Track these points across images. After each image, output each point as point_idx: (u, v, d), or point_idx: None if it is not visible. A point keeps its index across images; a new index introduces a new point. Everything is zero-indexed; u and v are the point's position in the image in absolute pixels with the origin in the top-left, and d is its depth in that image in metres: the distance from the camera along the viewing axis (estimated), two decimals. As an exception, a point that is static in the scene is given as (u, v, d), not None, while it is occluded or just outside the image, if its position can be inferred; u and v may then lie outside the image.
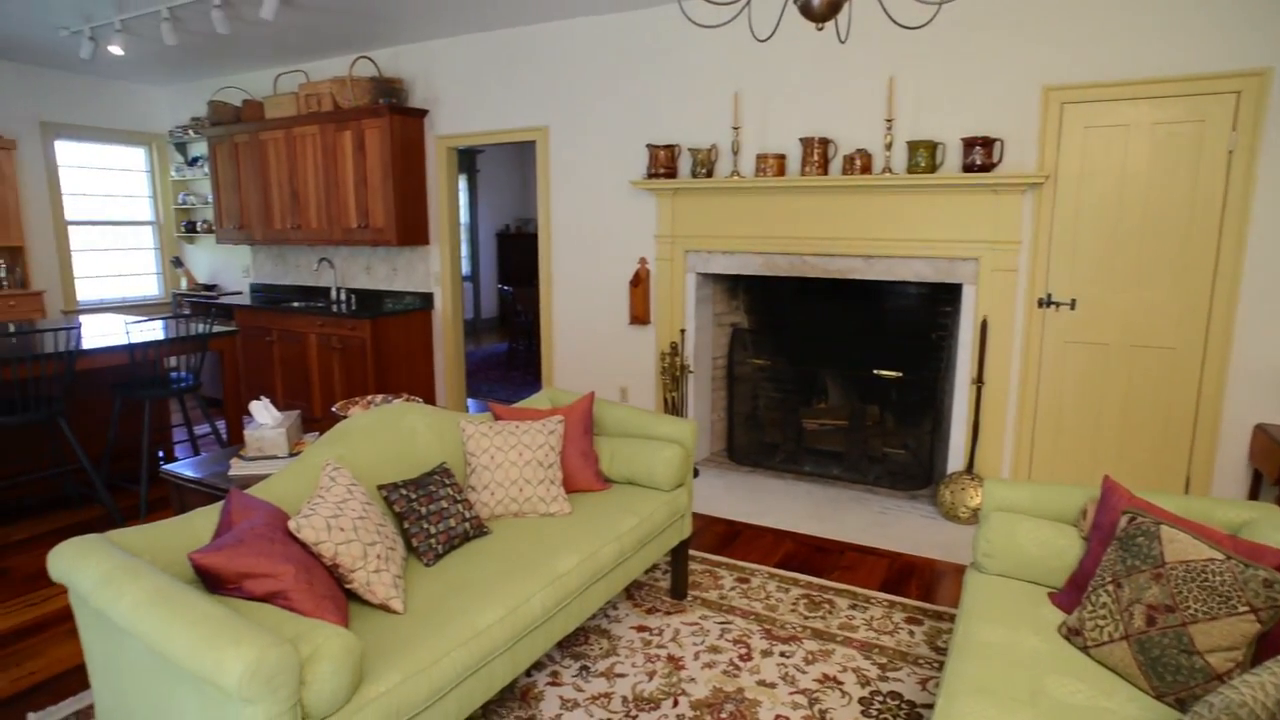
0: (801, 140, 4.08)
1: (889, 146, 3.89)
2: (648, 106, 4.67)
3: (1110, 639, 1.77)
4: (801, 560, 3.47)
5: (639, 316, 4.85)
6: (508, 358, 8.81)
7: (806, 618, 2.93)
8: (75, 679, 2.55)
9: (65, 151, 6.59)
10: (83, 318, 5.14)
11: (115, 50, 5.23)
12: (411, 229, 5.53)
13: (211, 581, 1.75)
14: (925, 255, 3.91)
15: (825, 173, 4.08)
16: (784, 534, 3.77)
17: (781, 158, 4.18)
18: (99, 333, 4.31)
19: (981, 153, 3.65)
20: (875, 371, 4.45)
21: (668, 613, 2.97)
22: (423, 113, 5.51)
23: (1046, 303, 3.78)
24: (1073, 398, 3.80)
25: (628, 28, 4.66)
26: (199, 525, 1.99)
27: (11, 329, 4.37)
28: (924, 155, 3.78)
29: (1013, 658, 1.80)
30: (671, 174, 4.52)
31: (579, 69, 4.87)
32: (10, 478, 3.95)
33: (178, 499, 2.98)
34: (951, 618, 2.94)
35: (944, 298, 4.26)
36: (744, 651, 2.70)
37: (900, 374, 4.38)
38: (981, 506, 2.41)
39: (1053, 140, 3.64)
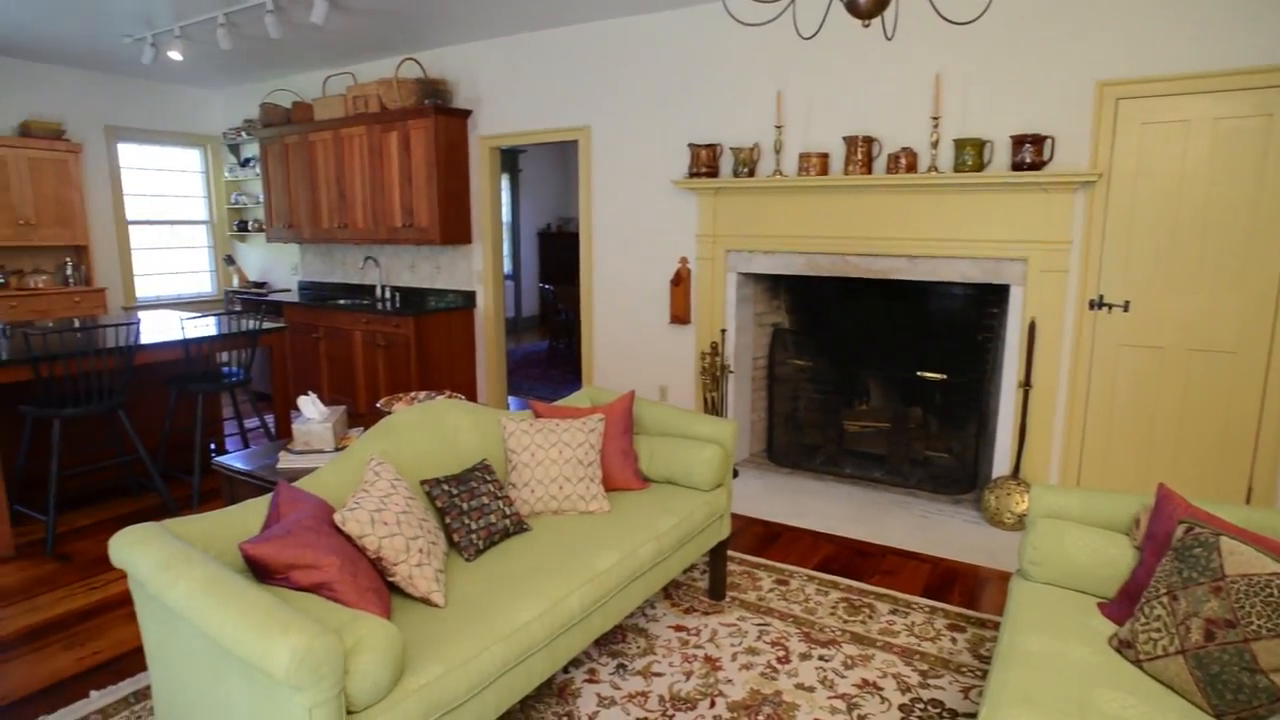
0: (845, 139, 4.03)
1: (935, 145, 3.81)
2: (690, 106, 4.66)
3: (1165, 653, 1.71)
4: (841, 563, 3.43)
5: (679, 316, 4.84)
6: (548, 356, 8.88)
7: (846, 621, 2.90)
8: (135, 660, 2.65)
9: (126, 153, 6.85)
10: (141, 314, 5.33)
11: (174, 56, 5.43)
12: (455, 228, 5.61)
13: (260, 571, 1.81)
14: (971, 255, 3.83)
15: (869, 172, 4.02)
16: (824, 536, 3.73)
17: (824, 156, 4.13)
18: (156, 328, 4.47)
19: (1031, 150, 3.56)
20: (919, 373, 4.37)
21: (705, 613, 2.96)
22: (466, 113, 5.59)
23: (1098, 304, 3.66)
24: (1125, 402, 3.68)
25: (670, 27, 4.66)
26: (249, 516, 2.05)
27: (76, 324, 4.56)
28: (971, 153, 3.70)
29: (1060, 668, 1.75)
30: (713, 173, 4.51)
31: (621, 69, 4.89)
32: (75, 467, 4.12)
33: (228, 490, 3.07)
34: (995, 626, 2.87)
35: (990, 298, 4.16)
36: (782, 654, 2.68)
37: (944, 376, 4.29)
38: (1028, 512, 2.35)
39: (1107, 137, 3.53)
